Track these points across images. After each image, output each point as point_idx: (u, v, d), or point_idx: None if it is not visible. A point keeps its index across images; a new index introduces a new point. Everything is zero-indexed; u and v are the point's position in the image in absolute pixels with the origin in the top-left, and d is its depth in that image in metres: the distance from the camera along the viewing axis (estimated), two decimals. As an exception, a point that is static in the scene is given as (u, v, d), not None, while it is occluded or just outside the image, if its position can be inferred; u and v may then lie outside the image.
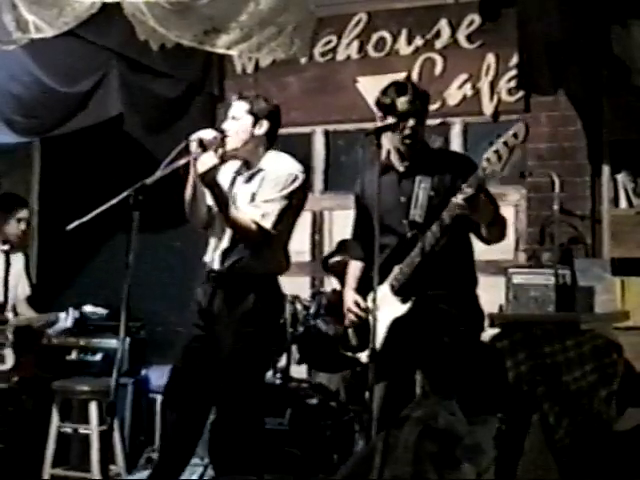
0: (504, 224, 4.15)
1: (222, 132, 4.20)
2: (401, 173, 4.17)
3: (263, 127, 4.32)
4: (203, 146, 4.09)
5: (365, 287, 4.21)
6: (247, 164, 4.38)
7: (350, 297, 4.33)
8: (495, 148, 3.85)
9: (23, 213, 5.82)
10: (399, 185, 4.16)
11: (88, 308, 5.47)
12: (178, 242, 6.68)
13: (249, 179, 4.34)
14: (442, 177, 4.10)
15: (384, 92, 4.17)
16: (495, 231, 4.09)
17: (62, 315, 5.54)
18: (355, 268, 4.43)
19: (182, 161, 3.99)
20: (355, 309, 4.25)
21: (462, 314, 4.13)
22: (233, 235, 4.26)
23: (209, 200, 4.29)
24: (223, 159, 4.21)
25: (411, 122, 4.07)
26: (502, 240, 4.22)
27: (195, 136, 4.10)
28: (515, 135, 3.90)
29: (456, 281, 4.13)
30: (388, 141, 4.17)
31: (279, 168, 4.31)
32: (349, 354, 4.34)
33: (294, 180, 4.29)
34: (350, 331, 4.33)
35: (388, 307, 4.02)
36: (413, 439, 3.48)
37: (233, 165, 4.41)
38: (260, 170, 4.32)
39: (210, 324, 4.28)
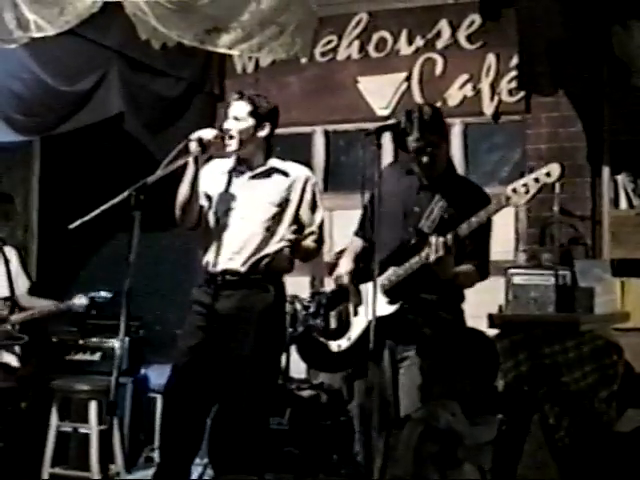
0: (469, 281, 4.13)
1: (223, 132, 4.20)
2: (423, 184, 4.16)
3: (265, 129, 4.29)
4: (203, 145, 4.09)
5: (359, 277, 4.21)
6: (245, 163, 4.34)
7: (348, 266, 4.28)
8: (524, 182, 3.80)
9: (7, 208, 5.83)
10: (417, 194, 4.15)
11: (93, 293, 5.52)
12: (178, 241, 6.66)
13: (256, 177, 4.31)
14: (458, 205, 4.05)
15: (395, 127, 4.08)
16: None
17: (76, 301, 5.56)
18: (356, 244, 4.39)
19: (181, 161, 4.00)
20: (346, 279, 4.23)
21: (455, 320, 4.13)
22: (251, 238, 4.23)
23: (202, 201, 4.29)
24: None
25: (425, 159, 4.07)
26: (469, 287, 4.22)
27: (195, 135, 4.10)
28: (548, 174, 3.82)
29: (446, 290, 4.11)
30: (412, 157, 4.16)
31: (310, 177, 4.38)
32: (322, 339, 4.32)
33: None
34: (333, 314, 4.31)
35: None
36: (414, 439, 3.48)
37: (223, 164, 4.37)
38: (275, 170, 4.32)
39: (217, 326, 4.22)
